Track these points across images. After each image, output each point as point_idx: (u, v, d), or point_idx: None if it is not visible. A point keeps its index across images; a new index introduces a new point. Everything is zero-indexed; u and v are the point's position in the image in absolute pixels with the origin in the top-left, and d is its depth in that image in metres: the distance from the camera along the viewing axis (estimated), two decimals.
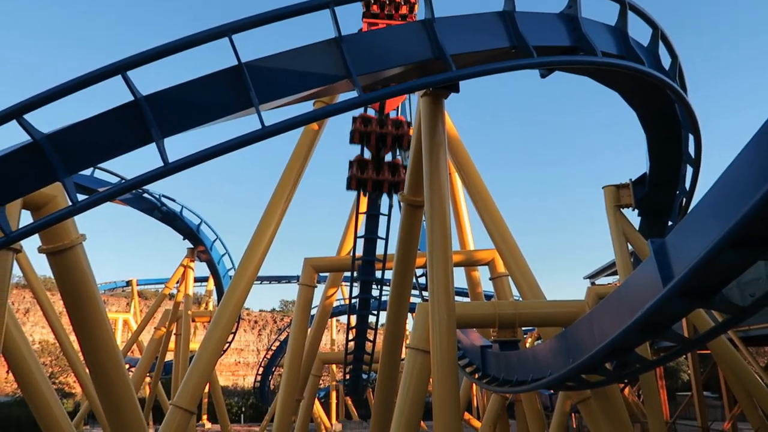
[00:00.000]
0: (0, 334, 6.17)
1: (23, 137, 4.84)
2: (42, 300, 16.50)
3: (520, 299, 14.69)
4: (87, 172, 18.38)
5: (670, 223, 12.29)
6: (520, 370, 10.53)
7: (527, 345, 23.98)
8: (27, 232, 5.12)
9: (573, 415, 26.31)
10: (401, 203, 9.23)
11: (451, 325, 6.27)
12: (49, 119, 5.09)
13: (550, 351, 9.06)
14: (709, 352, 22.91)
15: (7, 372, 9.80)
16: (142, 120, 4.77)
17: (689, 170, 10.52)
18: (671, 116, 9.33)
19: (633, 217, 12.54)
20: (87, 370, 8.16)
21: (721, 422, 25.20)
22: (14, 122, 4.66)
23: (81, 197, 5.04)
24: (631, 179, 11.89)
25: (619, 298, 6.43)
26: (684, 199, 11.19)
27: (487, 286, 26.32)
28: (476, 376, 13.78)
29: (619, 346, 6.46)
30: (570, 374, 7.87)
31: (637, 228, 12.44)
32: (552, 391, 21.70)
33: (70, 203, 4.95)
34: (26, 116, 4.57)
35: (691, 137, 9.59)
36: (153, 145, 4.90)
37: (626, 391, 25.41)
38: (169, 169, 4.86)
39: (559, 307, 11.52)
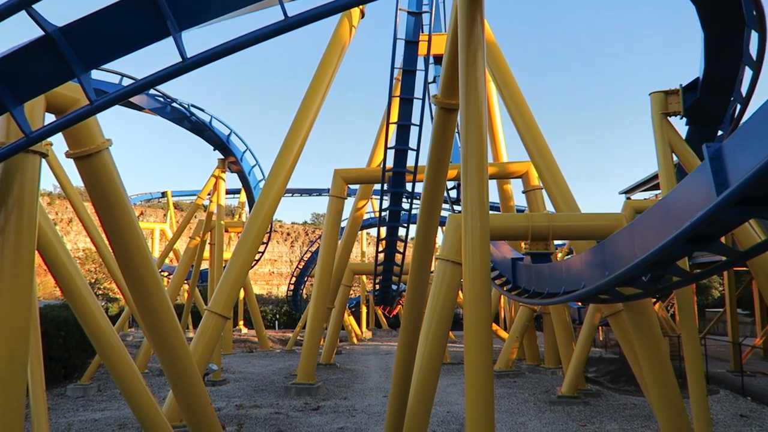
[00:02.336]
0: (33, 238, 6.18)
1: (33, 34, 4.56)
2: (79, 210, 16.80)
3: (554, 212, 14.42)
4: (115, 80, 18.16)
5: (720, 132, 11.59)
6: (552, 283, 10.40)
7: (557, 259, 23.80)
8: (47, 131, 4.96)
9: (600, 328, 26.56)
10: (434, 107, 8.78)
11: (484, 236, 6.03)
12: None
13: (585, 263, 8.85)
14: (744, 269, 22.62)
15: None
16: (158, 11, 4.42)
17: (748, 74, 9.72)
18: (735, 10, 8.48)
19: (680, 126, 11.85)
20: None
21: (752, 338, 25.18)
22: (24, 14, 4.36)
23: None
24: (681, 85, 11.11)
25: (665, 208, 6.06)
26: (739, 106, 10.44)
27: (519, 200, 26.07)
28: (506, 288, 13.79)
29: (661, 259, 6.17)
30: (605, 287, 7.68)
31: (684, 138, 11.78)
32: (580, 305, 21.81)
33: (89, 102, 4.74)
34: (35, 6, 4.26)
35: (754, 35, 8.76)
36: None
37: (656, 306, 25.39)
38: (188, 64, 4.56)
39: (594, 219, 11.21)
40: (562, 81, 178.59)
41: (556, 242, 22.58)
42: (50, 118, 6.76)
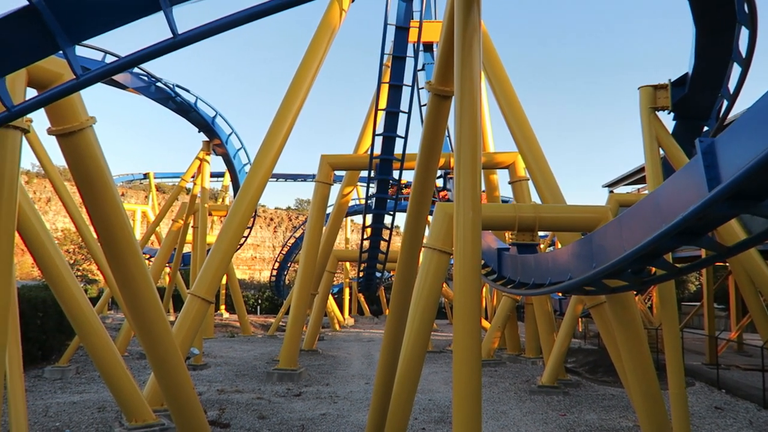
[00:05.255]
0: (13, 216, 6.02)
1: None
2: (60, 189, 16.51)
3: (540, 204, 14.46)
4: (98, 57, 17.77)
5: (706, 128, 11.68)
6: (538, 273, 10.44)
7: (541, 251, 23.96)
8: (30, 106, 4.80)
9: (580, 319, 26.85)
10: (428, 93, 8.69)
11: (476, 226, 5.99)
12: None
13: (572, 255, 8.87)
14: (721, 264, 22.97)
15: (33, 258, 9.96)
16: None
17: (736, 70, 9.78)
18: (728, 7, 8.50)
19: (666, 121, 11.92)
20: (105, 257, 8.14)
21: (727, 332, 25.64)
22: None
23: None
24: (670, 80, 11.16)
25: (655, 202, 6.08)
26: (726, 102, 10.52)
27: (504, 191, 26.16)
28: (491, 278, 13.82)
29: (649, 252, 6.20)
30: (592, 279, 7.71)
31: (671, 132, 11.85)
32: (562, 296, 22.01)
33: (74, 77, 4.58)
34: None
35: (744, 32, 8.80)
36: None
37: (636, 298, 25.72)
38: (179, 41, 4.42)
39: (580, 212, 11.27)
40: (549, 72, 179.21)
41: (540, 233, 22.73)
42: (31, 93, 6.58)
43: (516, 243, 11.72)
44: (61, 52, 4.56)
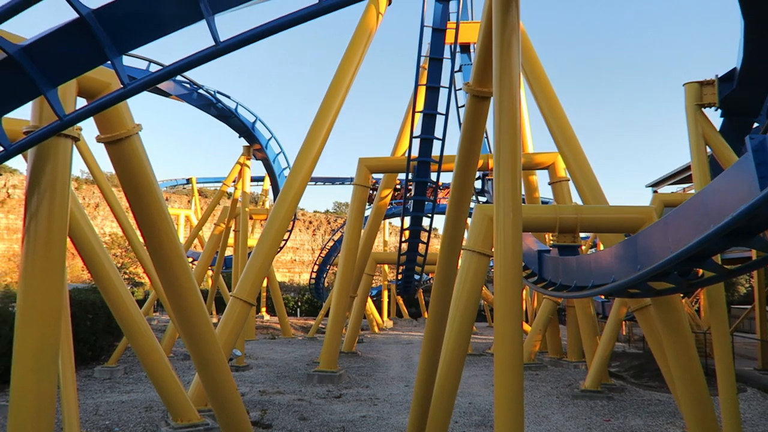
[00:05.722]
0: (65, 222, 6.25)
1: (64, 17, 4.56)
2: (108, 195, 17.02)
3: (582, 205, 14.19)
4: (143, 65, 18.30)
5: (756, 125, 11.27)
6: (580, 276, 10.24)
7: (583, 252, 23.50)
8: (80, 115, 4.98)
9: (624, 322, 26.22)
10: (466, 94, 8.65)
11: (517, 227, 5.92)
12: None
13: (615, 257, 8.68)
14: None
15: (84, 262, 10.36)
16: None
17: None
18: None
19: (714, 118, 11.55)
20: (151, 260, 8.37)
21: None
22: None
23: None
24: (717, 75, 10.80)
25: (702, 202, 5.89)
26: None
27: (544, 192, 25.77)
28: (531, 280, 13.63)
29: (697, 254, 6.01)
30: (636, 281, 7.52)
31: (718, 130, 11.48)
32: (604, 298, 21.53)
33: (122, 86, 4.74)
34: None
35: None
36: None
37: (682, 301, 24.95)
38: (221, 48, 4.52)
39: (623, 212, 11.01)
40: (589, 74, 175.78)
41: (581, 235, 22.29)
42: (80, 102, 6.83)
43: (557, 245, 11.53)
44: (109, 62, 4.73)
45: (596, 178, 14.40)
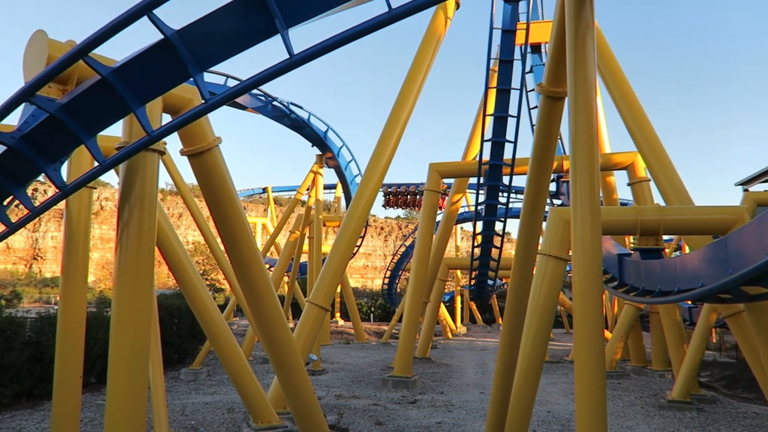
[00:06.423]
0: (153, 232, 6.61)
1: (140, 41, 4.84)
2: (190, 205, 17.84)
3: (665, 206, 13.54)
4: (220, 81, 19.10)
5: None
6: (665, 280, 9.76)
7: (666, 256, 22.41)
8: (166, 130, 5.27)
9: (714, 329, 24.70)
10: (539, 95, 8.46)
11: (596, 230, 5.73)
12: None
13: (704, 260, 8.21)
14: None
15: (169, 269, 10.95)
16: (266, 9, 4.55)
17: None
18: None
19: None
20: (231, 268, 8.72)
21: None
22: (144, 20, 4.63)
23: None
24: None
25: None
26: None
27: (623, 193, 24.74)
28: (611, 285, 13.13)
29: None
30: (728, 286, 7.08)
31: None
32: (692, 304, 20.37)
33: (203, 101, 4.97)
34: (155, 11, 4.52)
35: None
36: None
37: None
38: (295, 60, 4.66)
39: (711, 213, 10.43)
40: (667, 64, 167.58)
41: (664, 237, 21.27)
42: (165, 118, 7.23)
43: (639, 248, 11.07)
44: (191, 79, 4.97)
45: (680, 177, 13.73)
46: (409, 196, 40.65)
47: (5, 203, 6.30)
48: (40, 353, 14.29)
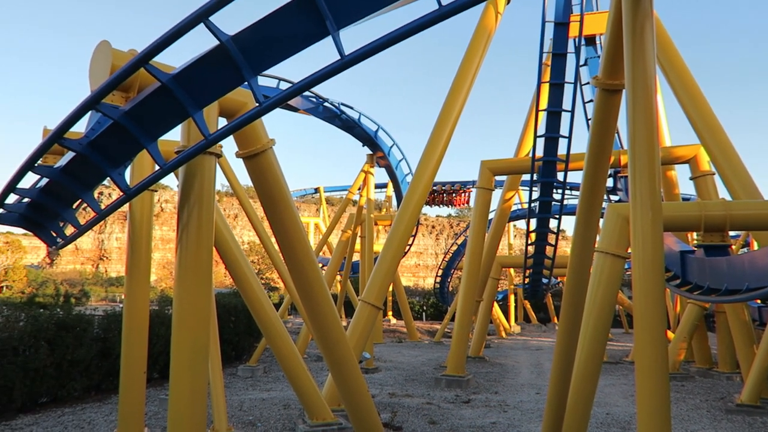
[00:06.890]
0: (211, 232, 6.80)
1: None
2: (246, 206, 18.26)
3: (731, 200, 12.94)
4: (273, 83, 19.47)
5: None
6: (732, 278, 9.33)
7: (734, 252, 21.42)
8: (222, 133, 5.41)
9: None
10: (594, 88, 8.23)
11: (657, 227, 5.53)
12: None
13: None
14: None
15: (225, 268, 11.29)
16: (317, 12, 4.60)
17: None
18: None
19: None
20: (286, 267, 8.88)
21: None
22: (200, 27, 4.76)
23: None
24: None
25: None
26: None
27: (685, 188, 23.77)
28: (673, 283, 12.64)
29: None
30: None
31: None
32: (762, 303, 19.38)
33: (257, 104, 5.08)
34: (211, 18, 4.64)
35: None
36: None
37: None
38: (346, 61, 4.69)
39: None
40: (729, 52, 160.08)
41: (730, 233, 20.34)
42: (221, 122, 7.43)
43: (703, 245, 10.61)
44: (245, 83, 5.08)
45: (747, 170, 13.09)
46: (445, 195, 40.16)
47: (74, 206, 6.63)
48: (107, 349, 14.97)
